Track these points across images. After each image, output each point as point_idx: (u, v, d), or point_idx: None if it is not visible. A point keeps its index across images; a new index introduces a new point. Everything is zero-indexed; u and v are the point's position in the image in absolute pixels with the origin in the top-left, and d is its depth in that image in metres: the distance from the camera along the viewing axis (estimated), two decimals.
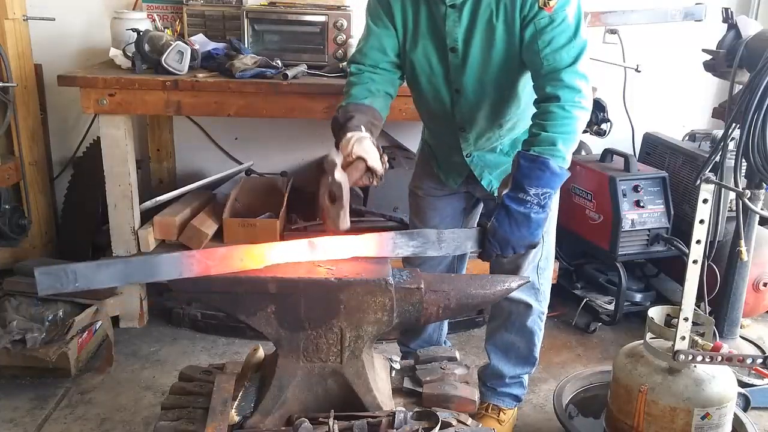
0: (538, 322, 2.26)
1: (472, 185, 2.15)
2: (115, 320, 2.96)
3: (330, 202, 1.62)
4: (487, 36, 1.82)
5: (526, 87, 1.92)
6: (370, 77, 1.96)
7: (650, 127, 3.50)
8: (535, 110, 1.82)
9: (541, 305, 2.25)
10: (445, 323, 2.47)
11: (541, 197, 1.68)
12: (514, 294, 2.14)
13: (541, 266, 2.21)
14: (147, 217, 3.05)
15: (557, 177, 1.71)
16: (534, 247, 1.77)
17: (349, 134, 1.77)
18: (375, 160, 1.75)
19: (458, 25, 1.83)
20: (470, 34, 1.83)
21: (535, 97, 1.84)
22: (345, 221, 1.61)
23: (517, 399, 2.38)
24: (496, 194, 1.99)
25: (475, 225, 2.25)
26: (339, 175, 1.62)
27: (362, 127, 1.80)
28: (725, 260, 2.70)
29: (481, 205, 2.29)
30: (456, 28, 1.84)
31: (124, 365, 2.74)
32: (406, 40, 1.94)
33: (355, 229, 1.65)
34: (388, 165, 1.82)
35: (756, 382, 2.51)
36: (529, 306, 2.21)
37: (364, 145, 1.75)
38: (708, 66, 2.71)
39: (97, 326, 2.76)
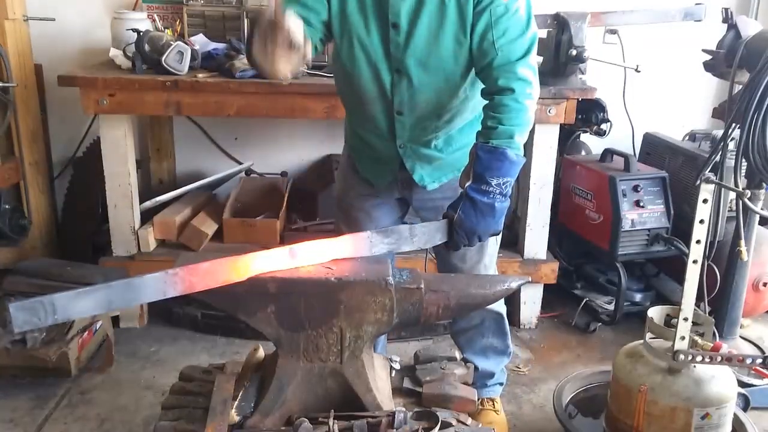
0: (506, 321, 2.34)
1: (407, 189, 2.10)
2: (115, 320, 2.96)
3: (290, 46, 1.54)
4: (437, 16, 1.79)
5: (468, 80, 1.89)
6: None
7: (650, 127, 3.49)
8: (474, 104, 1.86)
9: (503, 305, 2.31)
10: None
11: (503, 186, 1.73)
12: None
13: (486, 264, 2.21)
14: (147, 217, 3.05)
15: (515, 165, 1.75)
16: (497, 234, 1.83)
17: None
18: (298, 29, 1.58)
19: (403, 0, 1.79)
20: (417, 11, 1.79)
21: (483, 87, 1.83)
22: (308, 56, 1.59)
23: (503, 384, 2.43)
24: (429, 196, 2.06)
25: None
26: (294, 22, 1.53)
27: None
28: (725, 260, 2.70)
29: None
30: (400, 3, 1.79)
31: (124, 365, 2.74)
32: (343, 14, 1.84)
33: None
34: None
35: (756, 382, 2.51)
36: (498, 313, 2.29)
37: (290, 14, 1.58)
38: (708, 66, 2.71)
39: (97, 326, 2.76)
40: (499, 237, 2.19)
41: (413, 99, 1.91)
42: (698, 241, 1.88)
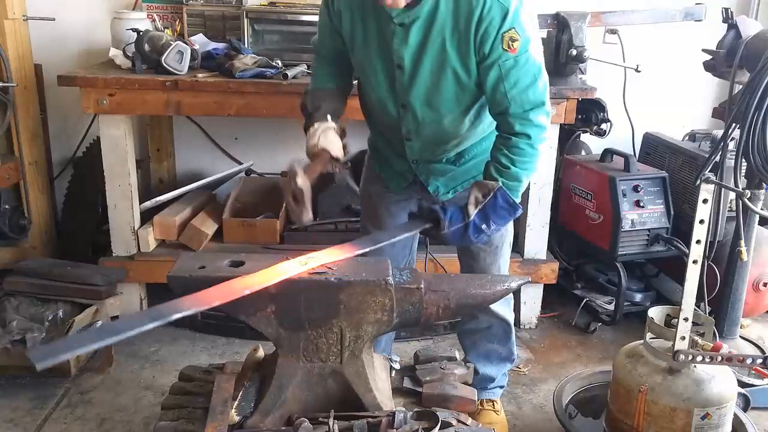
0: (513, 329, 2.36)
1: (426, 195, 2.13)
2: (115, 320, 2.95)
3: (294, 203, 1.83)
4: (439, 61, 1.81)
5: (472, 112, 1.92)
6: (332, 61, 2.06)
7: (650, 127, 3.49)
8: (483, 128, 1.95)
9: (512, 314, 2.34)
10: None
11: (496, 231, 1.83)
12: (494, 308, 2.20)
13: (501, 265, 2.25)
14: (147, 217, 3.05)
15: (515, 218, 1.87)
16: None
17: (315, 125, 1.93)
18: (338, 150, 1.92)
19: (405, 44, 1.82)
20: (420, 55, 1.82)
21: (498, 126, 1.87)
22: (308, 216, 1.82)
23: (503, 387, 2.44)
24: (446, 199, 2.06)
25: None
26: (301, 181, 1.81)
27: (328, 116, 1.93)
28: (725, 260, 2.70)
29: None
30: (402, 47, 1.82)
31: (124, 365, 2.74)
32: (353, 49, 1.95)
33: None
34: (348, 150, 2.02)
35: (756, 382, 2.51)
36: (507, 321, 2.30)
37: (329, 136, 1.90)
38: (708, 66, 2.71)
39: (97, 326, 2.76)
40: (511, 240, 2.29)
41: (419, 130, 1.97)
42: (698, 241, 1.88)
